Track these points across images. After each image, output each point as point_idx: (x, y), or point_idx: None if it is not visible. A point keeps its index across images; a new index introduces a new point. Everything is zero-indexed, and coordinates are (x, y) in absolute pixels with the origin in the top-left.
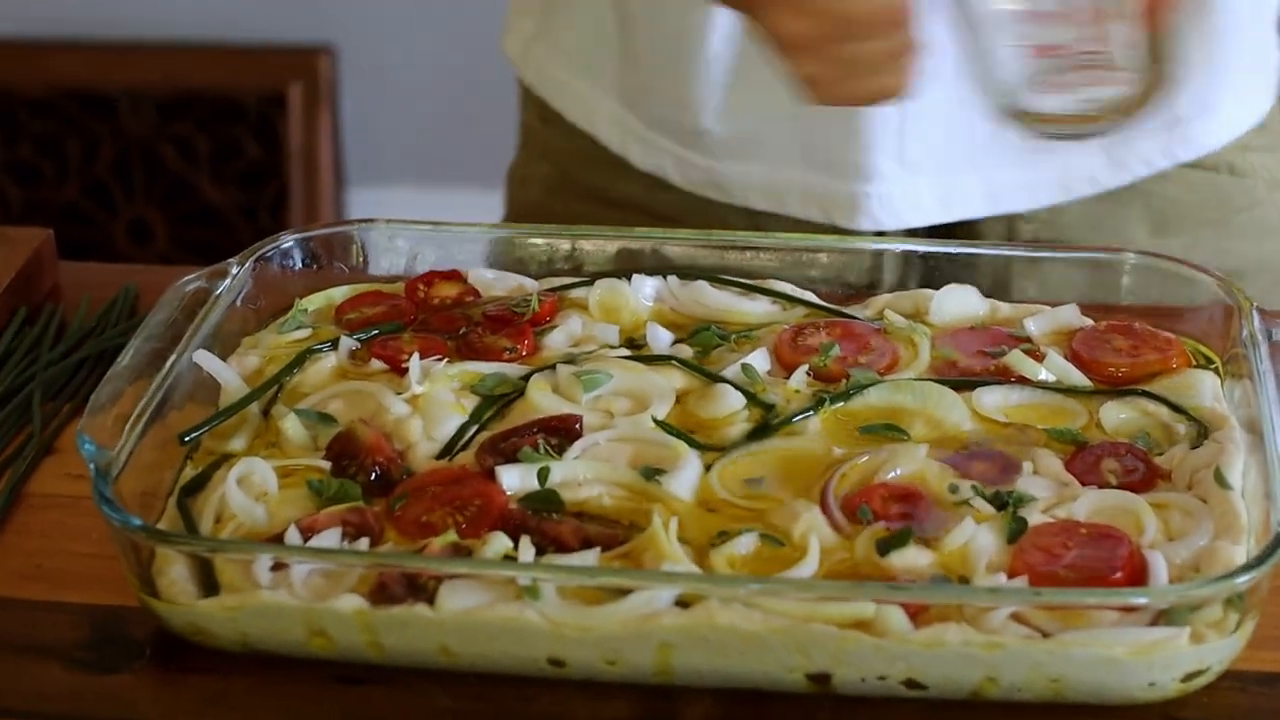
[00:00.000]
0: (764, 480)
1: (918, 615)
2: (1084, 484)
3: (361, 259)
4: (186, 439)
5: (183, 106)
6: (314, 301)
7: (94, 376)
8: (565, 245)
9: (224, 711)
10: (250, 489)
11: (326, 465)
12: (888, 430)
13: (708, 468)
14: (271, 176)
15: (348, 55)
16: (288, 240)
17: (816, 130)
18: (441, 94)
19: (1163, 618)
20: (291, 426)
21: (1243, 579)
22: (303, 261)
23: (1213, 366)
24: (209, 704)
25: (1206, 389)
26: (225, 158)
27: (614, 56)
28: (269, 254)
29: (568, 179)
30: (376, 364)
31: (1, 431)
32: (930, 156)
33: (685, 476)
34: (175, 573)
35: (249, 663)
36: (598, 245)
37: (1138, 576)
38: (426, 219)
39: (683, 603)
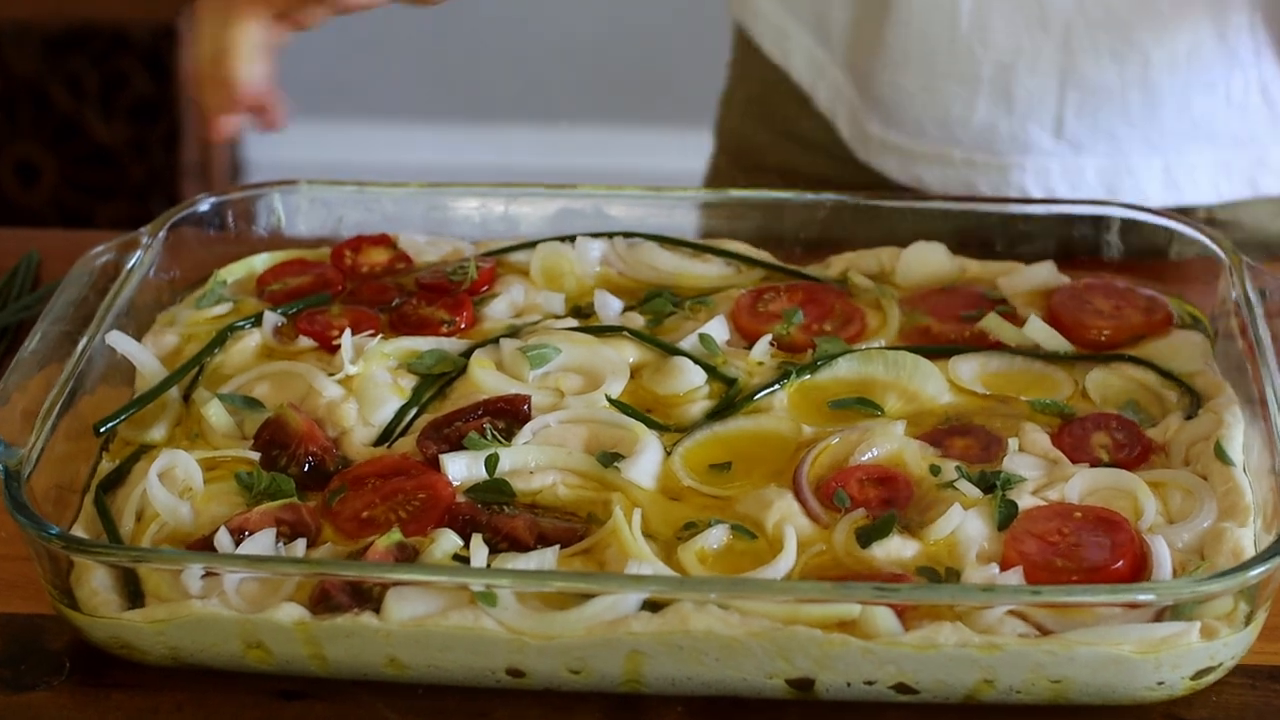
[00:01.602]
0: (730, 465)
1: (906, 613)
2: (1074, 461)
3: (280, 221)
4: (102, 430)
5: (70, 41)
6: (233, 272)
7: None
8: (499, 206)
9: None
10: (173, 484)
11: (255, 456)
12: (860, 405)
13: (668, 451)
14: (163, 112)
15: None
16: (203, 205)
17: (965, 100)
18: (338, 23)
19: (1169, 611)
20: (215, 413)
21: (1256, 571)
22: (219, 227)
23: (1201, 324)
24: None
25: (1196, 351)
26: (115, 93)
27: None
28: (183, 221)
29: (764, 107)
30: (304, 341)
31: None
32: (1095, 133)
33: (646, 462)
34: (96, 581)
35: (179, 677)
36: (537, 205)
37: (1139, 564)
38: (349, 179)
39: (652, 604)
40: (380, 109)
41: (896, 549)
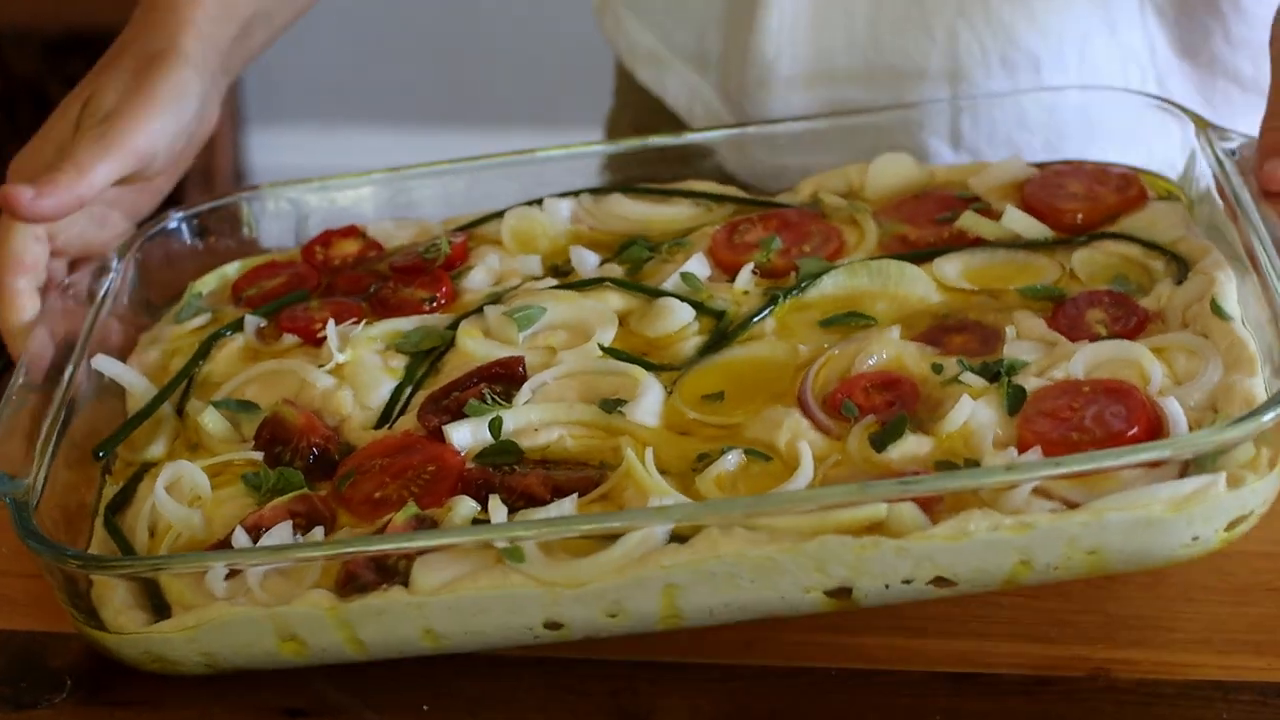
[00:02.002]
0: (724, 394)
1: (933, 506)
2: (1073, 340)
3: (251, 229)
4: (101, 454)
5: (71, 46)
6: (208, 283)
7: None
8: (460, 181)
9: None
10: (181, 495)
11: (258, 455)
12: (851, 319)
13: (668, 389)
14: None
15: None
16: (171, 222)
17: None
18: (341, 30)
19: (1193, 467)
20: (211, 421)
21: (1271, 414)
22: (190, 241)
23: (1175, 195)
24: None
25: (1175, 219)
26: None
27: (688, 17)
28: (153, 239)
29: (648, 131)
30: (288, 339)
31: None
32: (993, 141)
33: (648, 402)
34: (119, 600)
35: (182, 696)
36: (500, 177)
37: (1154, 428)
38: (315, 176)
39: (679, 537)
40: (384, 114)
41: (912, 448)
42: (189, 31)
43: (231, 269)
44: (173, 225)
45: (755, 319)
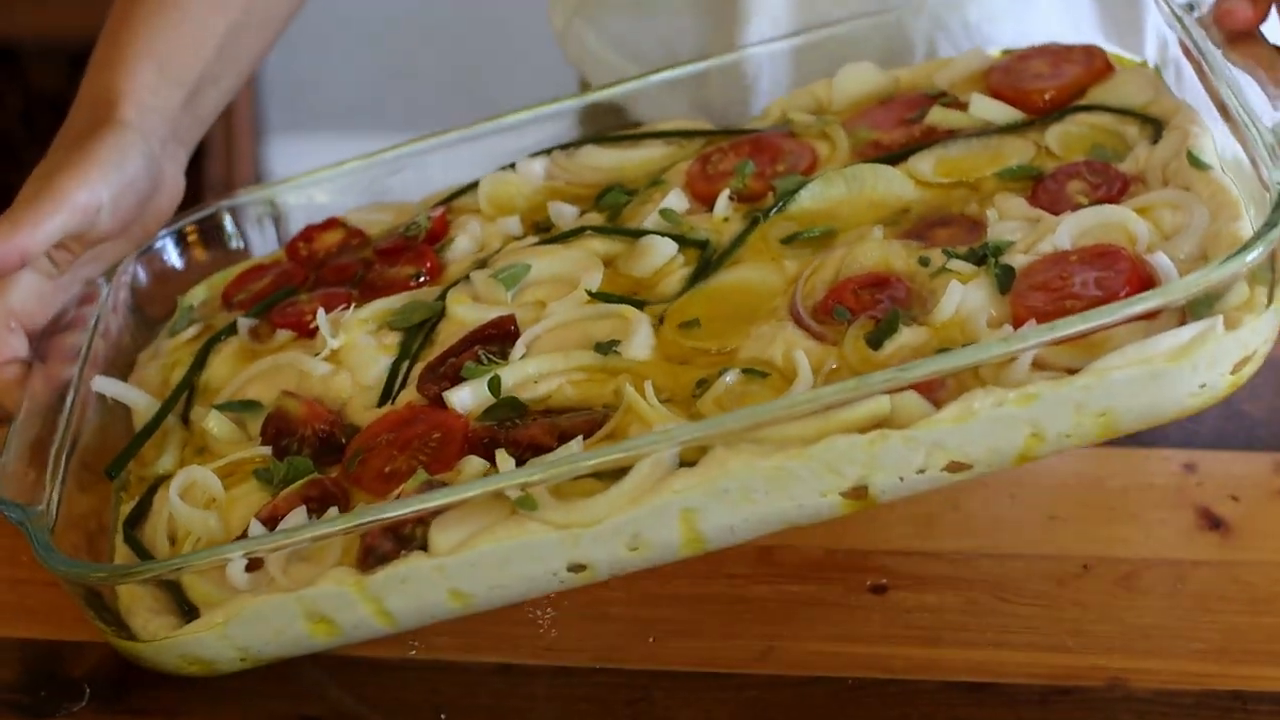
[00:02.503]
0: (715, 320)
1: (936, 393)
2: (1056, 214)
3: (235, 238)
4: (113, 473)
5: None
6: (197, 294)
7: None
8: (436, 159)
9: None
10: (196, 499)
11: (266, 450)
12: (828, 234)
13: (661, 320)
14: None
15: None
16: (159, 240)
17: None
18: (361, 40)
19: (1190, 316)
20: (216, 424)
21: (1256, 250)
22: (182, 256)
23: (1140, 62)
24: None
25: (1144, 82)
26: None
27: (656, 34)
28: (144, 259)
29: None
30: (282, 334)
31: None
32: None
33: (642, 338)
34: (146, 608)
35: (200, 702)
36: (472, 148)
37: (1147, 285)
38: (285, 177)
39: (688, 465)
40: (403, 124)
41: (908, 341)
42: (126, 102)
43: (220, 277)
44: (159, 244)
45: (738, 240)
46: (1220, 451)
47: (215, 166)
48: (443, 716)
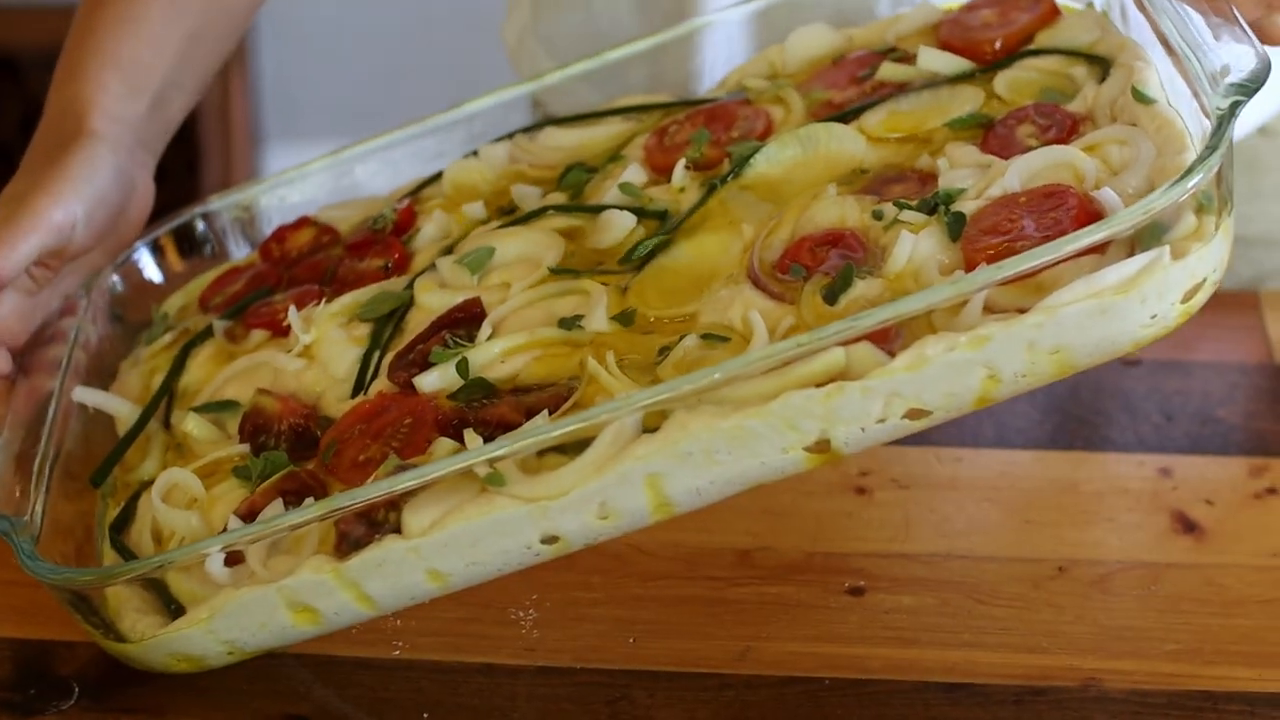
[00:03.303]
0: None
1: (890, 341)
2: (1006, 159)
3: (208, 244)
4: (97, 481)
5: None
6: (174, 303)
7: None
8: (402, 152)
9: None
10: (178, 500)
11: (245, 448)
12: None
13: (623, 291)
14: (184, 136)
15: (262, 10)
16: (136, 251)
17: None
18: (359, 47)
19: (1138, 247)
20: (195, 427)
21: (1196, 177)
22: (159, 265)
23: (1089, 5)
24: None
25: (1090, 23)
26: None
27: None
28: (123, 269)
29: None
30: (257, 334)
31: None
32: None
33: (603, 311)
34: (133, 608)
35: (187, 701)
36: (438, 139)
37: (1096, 220)
38: (257, 179)
39: (650, 432)
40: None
41: (863, 293)
42: (94, 113)
43: (196, 283)
44: (136, 254)
45: (696, 208)
46: (1195, 456)
47: (212, 174)
48: (426, 715)
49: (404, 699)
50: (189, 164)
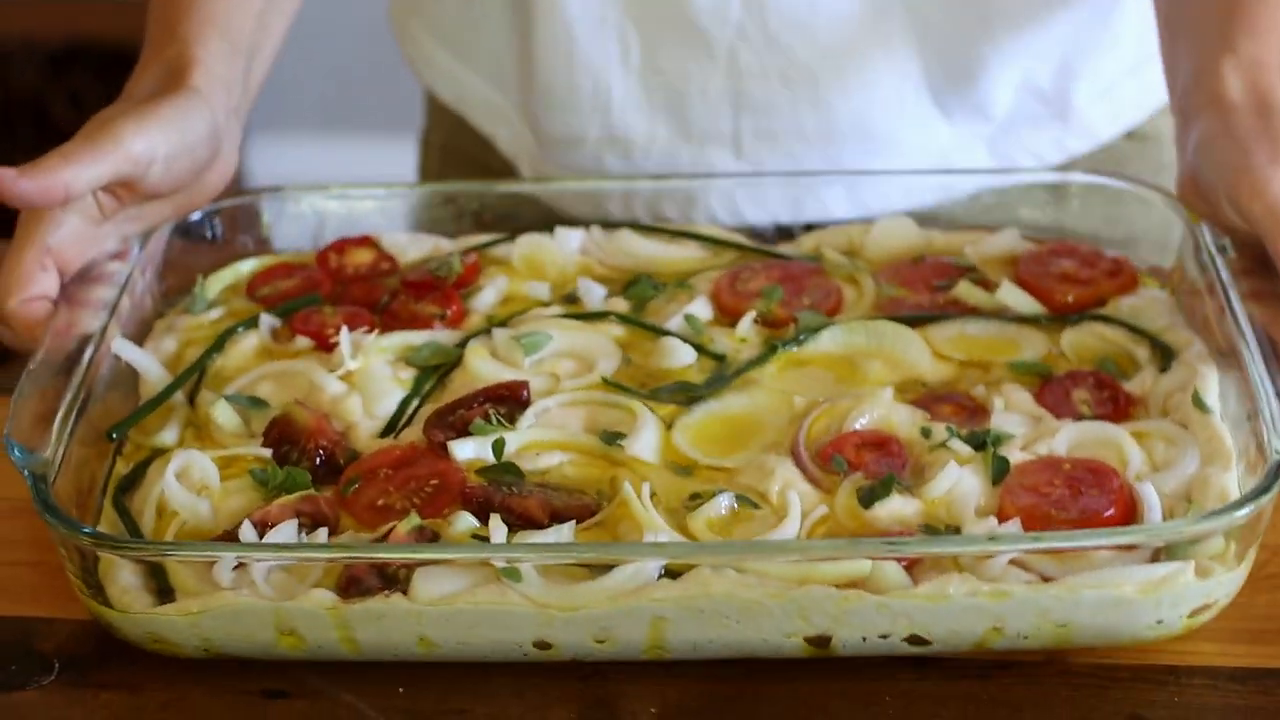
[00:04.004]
0: (720, 437)
1: (914, 567)
2: (1057, 417)
3: (269, 229)
4: (114, 435)
5: (72, 59)
6: (221, 279)
7: None
8: (474, 204)
9: None
10: (190, 483)
11: (267, 453)
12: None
13: (668, 424)
14: None
15: None
16: (194, 215)
17: (645, 132)
18: (342, 40)
19: (1164, 553)
20: (222, 414)
21: (1244, 511)
22: (210, 235)
23: (1164, 286)
24: None
25: (1162, 309)
26: None
27: (483, 34)
28: (173, 231)
29: (457, 151)
30: (301, 341)
31: None
32: (774, 153)
33: (646, 438)
34: (125, 579)
35: (164, 677)
36: (509, 200)
37: (1130, 510)
38: (333, 182)
39: (671, 573)
40: (385, 124)
41: (898, 508)
42: (198, 69)
43: (245, 266)
44: (195, 218)
45: (754, 365)
46: None
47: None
48: (401, 690)
49: (380, 673)
50: None
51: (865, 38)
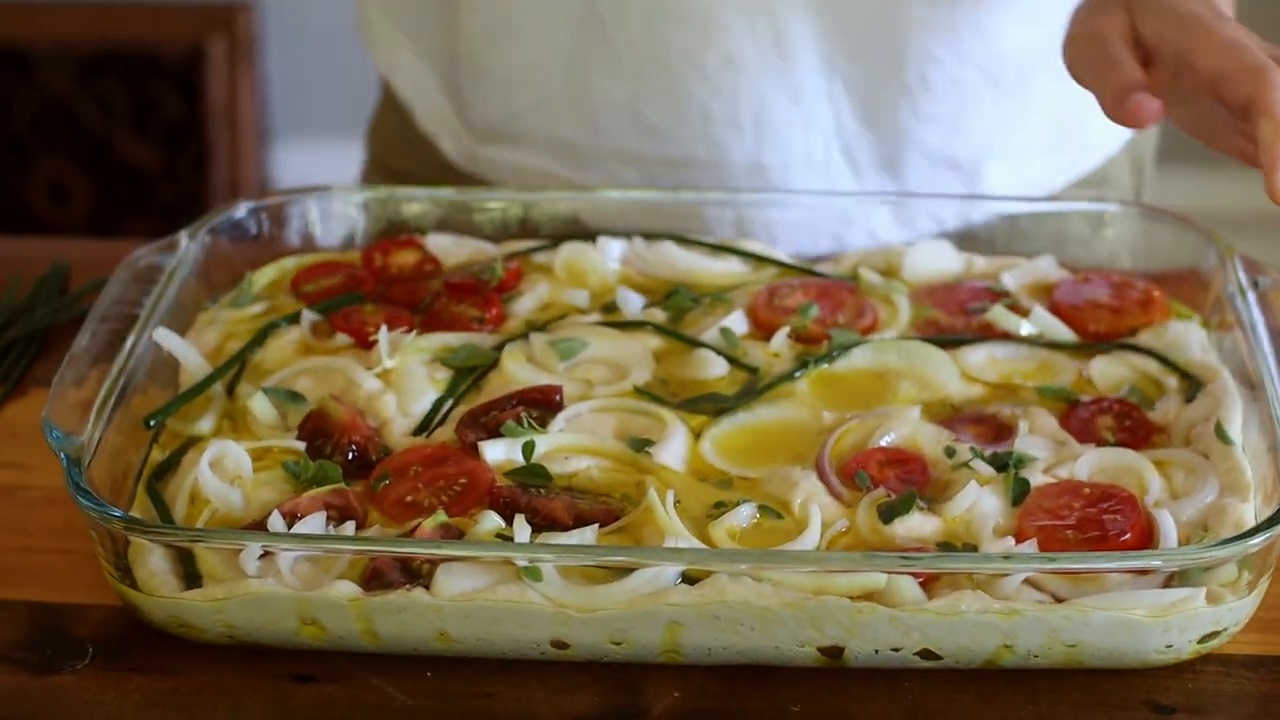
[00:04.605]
0: (755, 449)
1: (929, 583)
2: (1081, 442)
3: (313, 227)
4: (151, 422)
5: (102, 63)
6: (266, 274)
7: (25, 358)
8: (518, 209)
9: (171, 713)
10: (223, 473)
11: (300, 446)
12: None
13: (697, 434)
14: (193, 134)
15: (269, 9)
16: (240, 210)
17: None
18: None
19: (1177, 579)
20: (260, 406)
21: (1258, 539)
22: (255, 231)
23: (1196, 318)
24: (155, 705)
25: (1193, 341)
26: (146, 115)
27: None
28: (220, 225)
29: (403, 133)
30: (341, 338)
31: None
32: (669, 174)
33: (674, 446)
34: (153, 563)
35: (197, 662)
36: (554, 206)
37: (1146, 536)
38: (380, 183)
39: (689, 578)
40: None
41: (917, 525)
42: None
43: (290, 263)
44: (240, 214)
45: (785, 379)
46: None
47: (220, 172)
48: (429, 674)
49: (408, 658)
50: (196, 162)
51: (775, 82)
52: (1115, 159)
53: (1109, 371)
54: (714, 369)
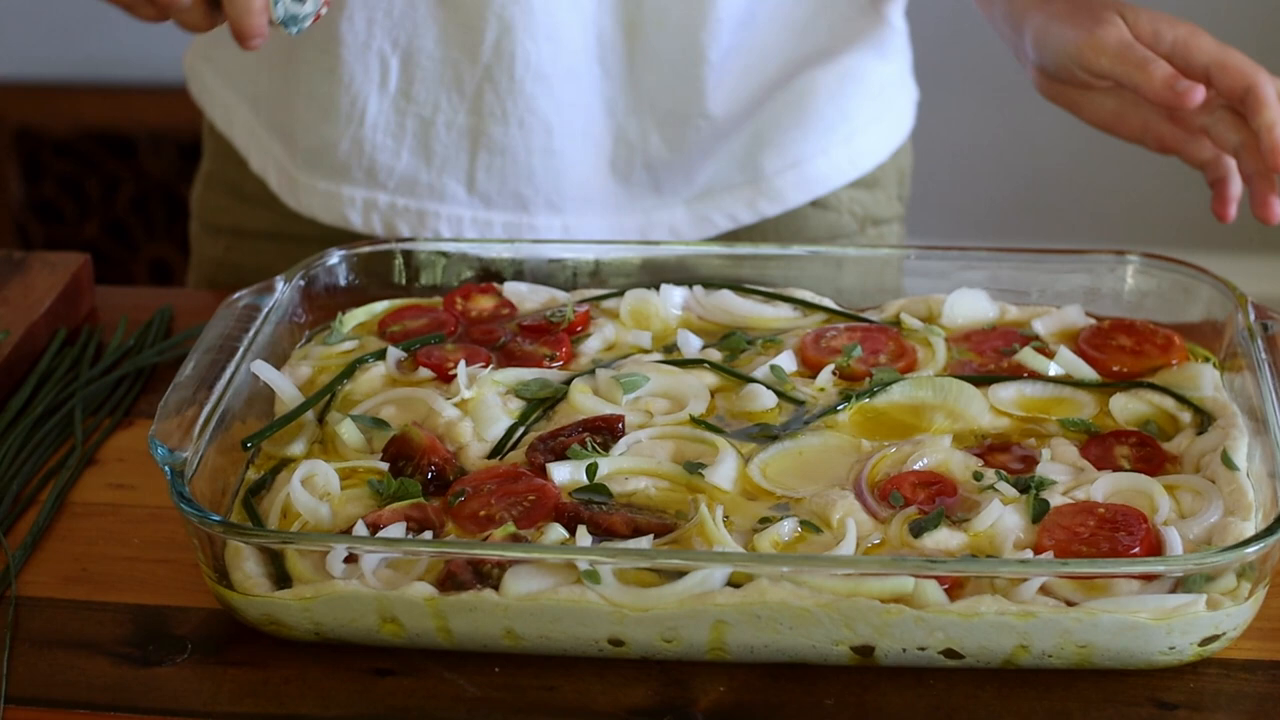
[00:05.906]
0: (800, 472)
1: (953, 591)
2: (1099, 469)
3: (402, 276)
4: (249, 444)
5: (200, 150)
6: (356, 316)
7: (132, 393)
8: (589, 257)
9: (262, 701)
10: (313, 490)
11: (384, 466)
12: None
13: (746, 459)
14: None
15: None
16: (332, 258)
17: (391, 150)
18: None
19: (1180, 586)
20: (348, 431)
21: (1253, 549)
22: (345, 276)
23: (1211, 361)
24: (247, 694)
25: (1207, 381)
26: None
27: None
28: (315, 271)
29: (221, 175)
30: (423, 372)
31: (45, 445)
32: (503, 192)
33: (725, 469)
34: (248, 567)
35: (287, 657)
36: (624, 258)
37: (1154, 552)
38: (461, 238)
39: (734, 584)
40: None
41: (944, 539)
42: None
43: (379, 306)
44: (333, 261)
45: (829, 411)
46: None
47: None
48: (496, 669)
49: (478, 654)
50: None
51: (593, 98)
52: (884, 166)
53: (1129, 407)
54: (764, 401)
